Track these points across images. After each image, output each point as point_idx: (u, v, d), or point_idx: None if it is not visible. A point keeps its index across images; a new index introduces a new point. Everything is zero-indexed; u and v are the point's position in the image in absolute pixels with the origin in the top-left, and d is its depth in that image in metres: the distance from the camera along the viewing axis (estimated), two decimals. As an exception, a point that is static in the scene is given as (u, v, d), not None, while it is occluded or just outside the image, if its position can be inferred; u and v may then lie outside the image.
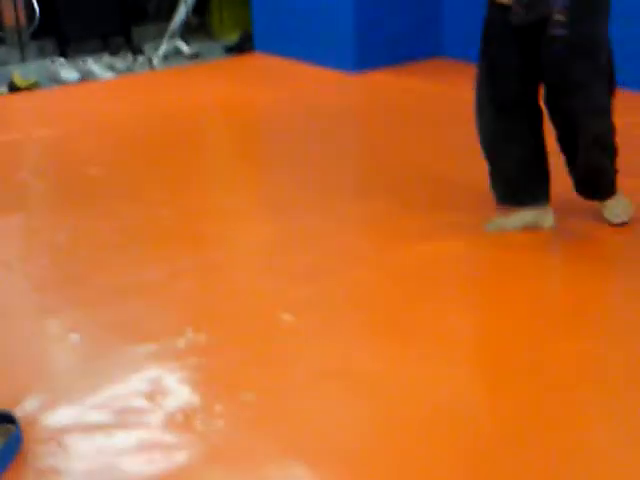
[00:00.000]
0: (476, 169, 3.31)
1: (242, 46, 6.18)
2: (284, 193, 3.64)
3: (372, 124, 4.58)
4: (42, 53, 6.11)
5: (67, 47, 6.12)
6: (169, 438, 2.10)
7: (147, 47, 6.27)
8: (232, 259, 3.10)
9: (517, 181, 3.08)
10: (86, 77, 5.66)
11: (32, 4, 6.06)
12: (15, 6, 6.04)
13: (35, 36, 6.13)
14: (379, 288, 2.83)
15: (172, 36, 6.30)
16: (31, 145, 4.43)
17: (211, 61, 6.04)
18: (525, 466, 1.98)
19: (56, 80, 5.60)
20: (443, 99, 4.82)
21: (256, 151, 4.46)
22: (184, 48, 6.24)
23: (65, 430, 2.13)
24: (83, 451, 2.07)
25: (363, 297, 2.78)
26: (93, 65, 5.76)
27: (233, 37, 6.40)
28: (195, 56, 6.20)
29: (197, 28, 6.78)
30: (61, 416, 2.19)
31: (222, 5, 6.70)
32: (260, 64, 5.84)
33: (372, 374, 2.35)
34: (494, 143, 3.04)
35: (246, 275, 3.01)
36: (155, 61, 6.01)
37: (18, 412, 2.16)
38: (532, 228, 3.10)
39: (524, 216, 3.10)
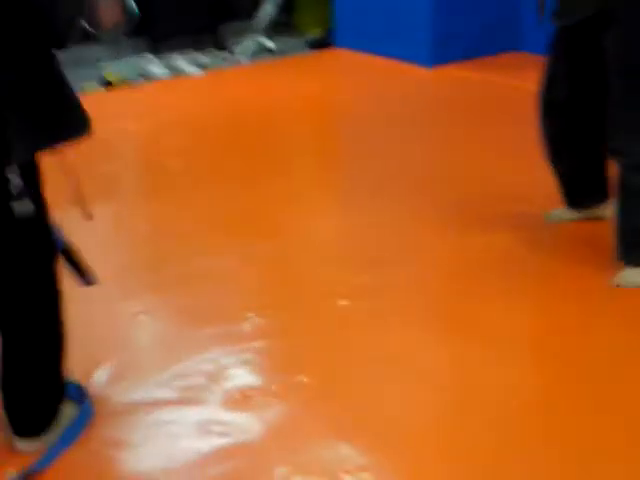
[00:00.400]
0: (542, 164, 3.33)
1: (324, 42, 6.29)
2: (355, 186, 3.74)
3: (446, 118, 4.63)
4: (135, 50, 6.36)
5: (158, 44, 6.34)
6: (227, 416, 2.23)
7: (233, 44, 6.45)
8: (299, 248, 3.22)
9: (569, 185, 3.08)
10: (174, 73, 5.87)
11: (126, 4, 6.30)
12: (110, 6, 6.28)
13: (129, 34, 6.38)
14: (437, 277, 2.92)
15: (257, 33, 6.48)
16: (121, 138, 4.63)
17: (294, 57, 6.17)
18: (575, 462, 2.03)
19: (146, 76, 5.83)
20: (519, 93, 4.80)
21: (331, 144, 4.58)
22: (268, 44, 6.39)
23: (131, 405, 2.28)
24: (147, 426, 2.22)
25: (421, 286, 2.87)
26: (181, 61, 5.97)
27: (315, 33, 6.52)
28: (279, 52, 6.35)
29: (281, 25, 6.92)
30: (128, 392, 2.34)
31: (306, 2, 6.83)
32: (340, 59, 5.94)
33: (425, 360, 2.44)
34: (547, 146, 3.02)
35: (311, 264, 3.12)
36: (239, 57, 6.19)
37: (90, 387, 2.32)
38: (592, 219, 3.12)
39: (579, 213, 3.13)
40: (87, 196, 2.14)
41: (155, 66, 5.87)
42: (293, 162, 4.28)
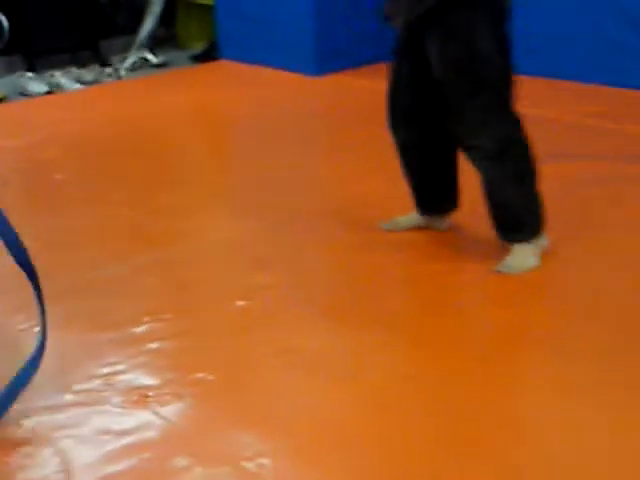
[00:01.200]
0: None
1: (208, 55, 6.31)
2: (246, 191, 3.79)
3: (328, 125, 4.75)
4: (10, 68, 6.21)
5: (35, 61, 6.22)
6: (126, 416, 2.23)
7: (115, 59, 6.39)
8: (192, 255, 3.22)
9: (411, 188, 3.13)
10: (54, 90, 5.77)
11: (0, 20, 6.17)
12: (-17, 23, 6.14)
13: (3, 52, 6.24)
14: (331, 275, 3.00)
15: (139, 47, 6.44)
16: (-2, 155, 4.53)
17: (178, 70, 6.17)
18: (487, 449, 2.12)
19: (25, 94, 5.71)
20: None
21: (219, 153, 4.61)
22: (151, 58, 6.37)
23: (29, 411, 2.25)
24: (46, 430, 2.19)
25: (307, 282, 2.93)
26: (61, 78, 5.87)
27: (199, 46, 6.54)
28: (162, 66, 6.33)
29: (164, 39, 6.91)
30: (25, 399, 2.28)
31: (188, 16, 6.84)
32: (225, 71, 5.98)
33: (317, 351, 2.50)
34: (399, 154, 3.06)
35: (206, 269, 3.14)
36: (122, 72, 6.14)
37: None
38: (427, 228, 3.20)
39: (415, 218, 3.18)
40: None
41: (34, 84, 5.76)
42: (181, 173, 4.28)
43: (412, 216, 3.19)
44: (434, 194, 3.13)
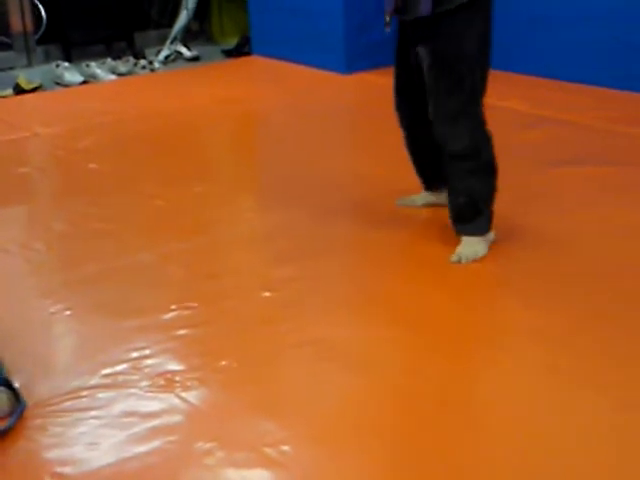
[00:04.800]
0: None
1: (240, 50, 6.39)
2: (273, 185, 3.86)
3: (356, 122, 4.80)
4: (47, 58, 6.34)
5: (71, 52, 6.34)
6: (152, 399, 2.29)
7: (149, 51, 6.48)
8: (220, 246, 3.30)
9: (422, 169, 3.35)
10: (89, 80, 5.87)
11: (38, 10, 6.29)
12: (22, 12, 6.27)
13: (41, 41, 6.36)
14: (353, 269, 3.04)
15: (173, 41, 6.54)
16: (34, 142, 4.63)
17: (210, 64, 6.25)
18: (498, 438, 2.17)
19: (60, 83, 5.82)
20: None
21: (247, 147, 4.67)
22: (185, 52, 6.46)
23: (56, 393, 2.32)
24: (73, 411, 2.26)
25: (339, 277, 2.98)
26: (96, 69, 5.98)
27: (232, 41, 6.62)
28: (195, 59, 6.42)
29: (197, 33, 7.00)
30: (53, 381, 2.38)
31: (221, 11, 6.92)
32: (257, 66, 6.05)
33: (338, 342, 2.55)
34: (403, 132, 3.30)
35: (232, 260, 3.21)
36: (156, 64, 6.23)
37: (16, 380, 2.34)
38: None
39: (426, 196, 3.41)
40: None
41: (70, 73, 5.87)
42: (211, 165, 4.36)
43: (423, 194, 3.40)
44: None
